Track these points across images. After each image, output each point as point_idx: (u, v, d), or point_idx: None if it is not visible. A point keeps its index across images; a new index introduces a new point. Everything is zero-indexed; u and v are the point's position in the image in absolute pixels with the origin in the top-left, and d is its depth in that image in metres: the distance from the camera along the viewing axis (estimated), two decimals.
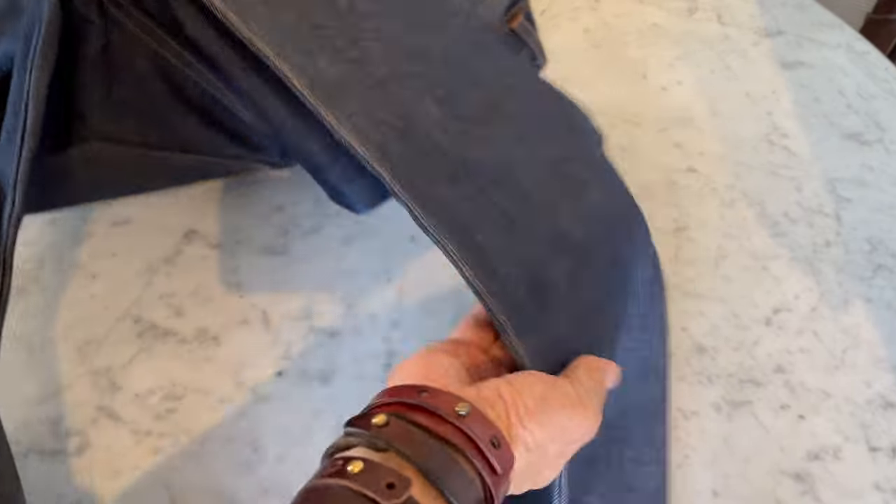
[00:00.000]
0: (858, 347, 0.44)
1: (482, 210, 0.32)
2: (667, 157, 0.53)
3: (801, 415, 0.42)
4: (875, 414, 0.42)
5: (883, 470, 0.40)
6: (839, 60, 0.60)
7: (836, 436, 0.41)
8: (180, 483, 0.39)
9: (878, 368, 0.43)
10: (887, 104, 0.57)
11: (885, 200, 0.51)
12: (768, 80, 0.58)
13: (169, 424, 0.41)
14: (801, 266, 0.48)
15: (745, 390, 0.43)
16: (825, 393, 0.43)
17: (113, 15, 0.37)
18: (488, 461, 0.24)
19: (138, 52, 0.38)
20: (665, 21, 0.63)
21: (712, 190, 0.51)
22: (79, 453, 0.39)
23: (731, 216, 0.50)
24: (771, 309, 0.46)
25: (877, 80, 0.58)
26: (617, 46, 0.61)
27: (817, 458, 0.40)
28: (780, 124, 0.55)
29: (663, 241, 0.49)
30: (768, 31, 0.62)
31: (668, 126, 0.55)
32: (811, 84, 0.58)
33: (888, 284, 0.47)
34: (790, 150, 0.54)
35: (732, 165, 0.53)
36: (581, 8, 0.64)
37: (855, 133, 0.55)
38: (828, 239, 0.49)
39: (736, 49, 0.61)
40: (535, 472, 0.27)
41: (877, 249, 0.49)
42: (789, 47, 0.61)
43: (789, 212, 0.50)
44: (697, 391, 0.42)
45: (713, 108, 0.56)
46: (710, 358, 0.44)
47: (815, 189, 0.52)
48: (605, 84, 0.58)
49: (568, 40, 0.61)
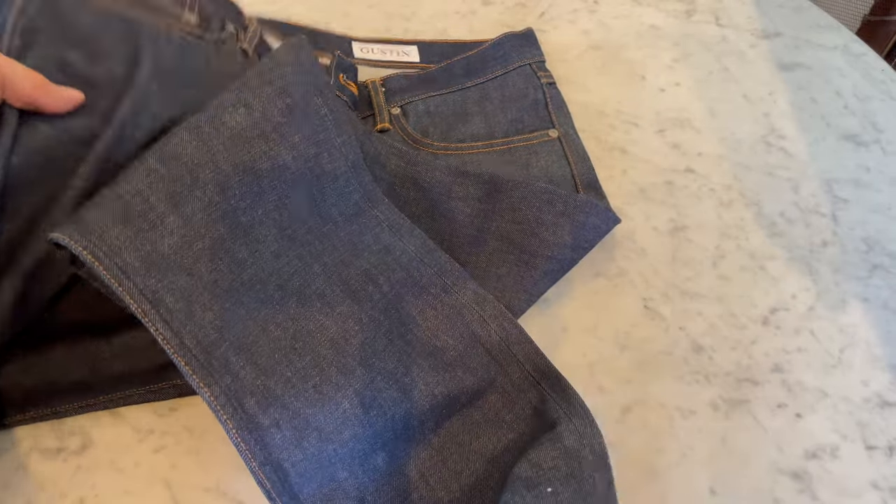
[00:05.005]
0: (855, 347, 0.45)
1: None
2: (665, 158, 0.54)
3: (799, 414, 0.42)
4: (872, 413, 0.42)
5: (880, 469, 0.40)
6: (836, 62, 0.60)
7: (833, 435, 0.41)
8: (182, 482, 0.39)
9: (874, 368, 0.44)
10: (884, 105, 0.57)
11: (882, 201, 0.51)
12: (766, 81, 0.59)
13: (171, 423, 0.41)
14: (798, 266, 0.48)
15: (743, 389, 0.43)
16: (822, 392, 0.43)
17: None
18: None
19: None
20: (663, 23, 0.63)
21: (710, 190, 0.52)
22: (81, 452, 0.40)
23: (729, 216, 0.50)
24: (768, 308, 0.46)
25: (874, 81, 0.59)
26: (615, 48, 0.61)
27: (815, 457, 0.40)
28: (777, 125, 0.56)
29: (661, 241, 0.49)
30: (766, 33, 0.63)
31: (666, 127, 0.55)
32: (808, 85, 0.58)
33: (885, 284, 0.47)
34: (787, 150, 0.54)
35: (730, 166, 0.53)
36: (580, 10, 0.64)
37: (852, 134, 0.55)
38: (825, 239, 0.49)
39: (734, 51, 0.61)
40: None
41: (873, 249, 0.49)
42: (787, 49, 0.61)
43: (786, 212, 0.51)
44: (695, 390, 0.43)
45: (711, 110, 0.57)
46: (707, 357, 0.44)
47: (812, 189, 0.52)
48: (603, 85, 0.58)
49: (567, 42, 0.61)
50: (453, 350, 0.41)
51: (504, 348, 0.41)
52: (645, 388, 0.43)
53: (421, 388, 0.39)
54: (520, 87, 0.55)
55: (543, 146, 0.52)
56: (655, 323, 0.45)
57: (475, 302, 0.43)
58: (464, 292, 0.43)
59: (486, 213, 0.47)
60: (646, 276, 0.47)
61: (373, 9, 0.62)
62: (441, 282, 0.43)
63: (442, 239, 0.46)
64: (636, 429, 0.41)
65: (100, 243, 0.33)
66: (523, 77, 0.56)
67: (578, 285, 0.47)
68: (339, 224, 0.43)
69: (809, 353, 0.44)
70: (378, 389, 0.37)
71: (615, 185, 0.52)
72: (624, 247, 0.49)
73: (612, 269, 0.48)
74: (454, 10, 0.63)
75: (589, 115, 0.56)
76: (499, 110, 0.54)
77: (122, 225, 0.34)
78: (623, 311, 0.46)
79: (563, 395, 0.39)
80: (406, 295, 0.42)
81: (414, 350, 0.40)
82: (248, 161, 0.38)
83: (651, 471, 0.40)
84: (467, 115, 0.54)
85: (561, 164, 0.51)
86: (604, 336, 0.45)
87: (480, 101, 0.55)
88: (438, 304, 0.42)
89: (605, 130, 0.55)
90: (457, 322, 0.42)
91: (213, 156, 0.37)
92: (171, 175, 0.36)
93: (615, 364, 0.44)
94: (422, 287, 0.43)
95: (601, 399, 0.42)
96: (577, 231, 0.45)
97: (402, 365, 0.39)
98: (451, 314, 0.42)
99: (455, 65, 0.57)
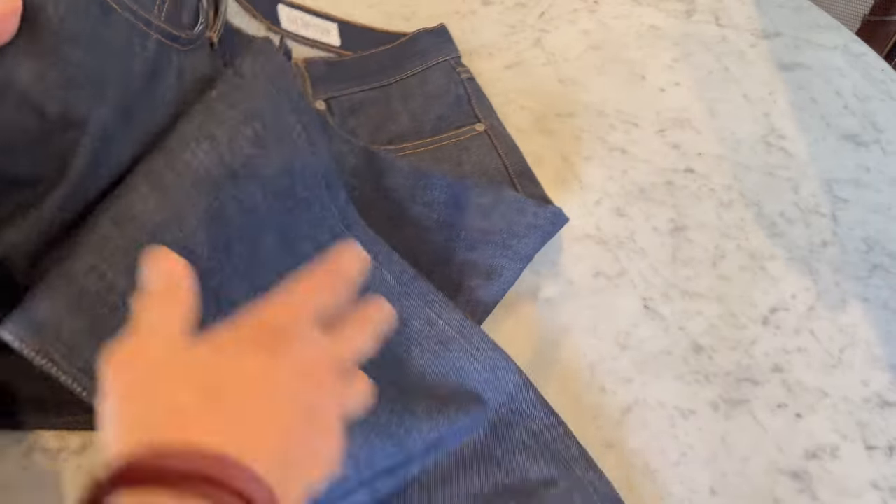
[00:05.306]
0: (855, 347, 0.45)
1: None
2: (665, 158, 0.54)
3: (799, 414, 0.42)
4: (872, 413, 0.42)
5: (880, 468, 0.40)
6: (836, 62, 0.60)
7: (833, 434, 0.41)
8: None
9: (874, 368, 0.44)
10: (884, 105, 0.57)
11: (882, 201, 0.51)
12: (766, 81, 0.59)
13: None
14: (798, 266, 0.48)
15: (743, 389, 0.43)
16: (822, 392, 0.43)
17: None
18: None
19: None
20: (663, 23, 0.63)
21: (710, 190, 0.52)
22: (81, 452, 0.40)
23: (729, 216, 0.50)
24: (768, 308, 0.46)
25: (873, 81, 0.59)
26: (616, 48, 0.61)
27: (815, 457, 0.40)
28: (777, 125, 0.56)
29: (661, 241, 0.49)
30: (766, 33, 0.63)
31: (667, 127, 0.55)
32: (808, 85, 0.58)
33: (885, 284, 0.47)
34: (787, 150, 0.54)
35: (730, 166, 0.53)
36: (580, 10, 0.64)
37: (852, 134, 0.55)
38: (825, 239, 0.49)
39: (734, 51, 0.61)
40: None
41: (873, 249, 0.49)
42: (787, 49, 0.61)
43: (786, 212, 0.51)
44: (695, 390, 0.43)
45: (711, 110, 0.57)
46: (707, 357, 0.44)
47: (812, 189, 0.52)
48: (603, 85, 0.58)
49: (567, 42, 0.61)
50: (443, 388, 0.39)
51: (494, 381, 0.40)
52: (645, 388, 0.43)
53: (414, 436, 0.37)
54: (441, 84, 0.56)
55: (472, 141, 0.52)
56: (655, 323, 0.45)
57: (461, 334, 0.41)
58: (449, 323, 0.41)
59: (453, 221, 0.46)
60: (646, 276, 0.47)
61: (373, 9, 0.62)
62: (425, 314, 0.41)
63: (410, 249, 0.45)
64: (636, 429, 0.41)
65: (55, 343, 0.30)
66: (443, 73, 0.56)
67: (578, 285, 0.47)
68: (314, 259, 0.41)
69: (809, 353, 0.44)
70: (372, 447, 0.36)
71: (615, 185, 0.52)
72: (624, 247, 0.49)
73: (612, 269, 0.48)
74: (454, 10, 0.63)
75: (589, 115, 0.56)
76: (423, 108, 0.54)
77: (77, 313, 0.30)
78: (623, 311, 0.46)
79: (557, 432, 0.39)
80: (387, 333, 0.41)
81: (403, 394, 0.38)
82: (216, 209, 0.34)
83: (651, 471, 0.40)
84: (393, 114, 0.54)
85: (492, 156, 0.51)
86: (604, 336, 0.45)
87: (404, 99, 0.55)
88: (424, 341, 0.40)
89: (605, 130, 0.55)
90: (444, 358, 0.40)
91: (177, 211, 0.33)
92: (129, 242, 0.32)
93: (615, 364, 0.44)
94: (404, 322, 0.41)
95: (601, 399, 0.42)
96: (543, 241, 0.45)
97: (395, 415, 0.37)
98: (438, 350, 0.40)
99: (373, 57, 0.56)
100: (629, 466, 0.40)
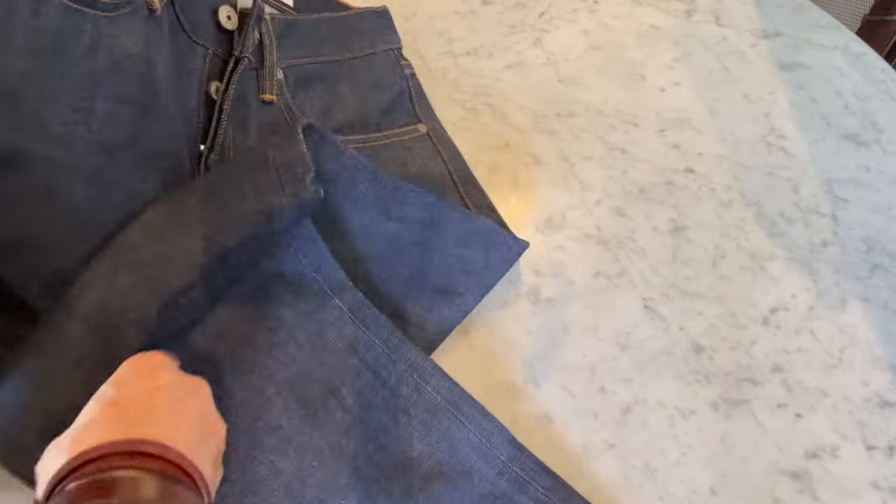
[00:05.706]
0: (855, 347, 0.45)
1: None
2: (665, 158, 0.53)
3: (799, 414, 0.42)
4: (872, 413, 0.42)
5: (880, 468, 0.40)
6: (836, 62, 0.60)
7: (833, 434, 0.41)
8: None
9: (874, 368, 0.44)
10: (884, 105, 0.57)
11: (882, 201, 0.51)
12: (766, 81, 0.59)
13: None
14: (798, 266, 0.48)
15: (743, 389, 0.43)
16: (822, 392, 0.43)
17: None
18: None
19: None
20: (663, 23, 0.63)
21: (710, 190, 0.52)
22: None
23: (729, 216, 0.50)
24: (768, 308, 0.46)
25: (874, 81, 0.59)
26: (616, 48, 0.61)
27: (815, 457, 0.40)
28: (777, 125, 0.56)
29: (661, 241, 0.49)
30: (766, 33, 0.63)
31: (667, 127, 0.55)
32: (808, 85, 0.58)
33: (885, 284, 0.47)
34: (787, 150, 0.54)
35: (730, 166, 0.53)
36: (580, 10, 0.64)
37: (852, 134, 0.55)
38: (825, 239, 0.49)
39: (734, 51, 0.61)
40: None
41: (873, 249, 0.49)
42: (787, 49, 0.61)
43: (786, 212, 0.51)
44: (695, 390, 0.43)
45: (711, 110, 0.57)
46: (707, 357, 0.44)
47: (813, 189, 0.52)
48: (603, 85, 0.58)
49: (567, 42, 0.61)
50: (430, 460, 0.39)
51: (486, 450, 0.39)
52: (645, 388, 0.43)
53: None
54: (387, 75, 0.56)
55: (416, 143, 0.52)
56: (655, 323, 0.45)
57: (449, 402, 0.40)
58: (437, 391, 0.40)
59: (428, 243, 0.45)
60: (646, 276, 0.47)
61: None
62: (413, 380, 0.40)
63: (384, 269, 0.44)
64: (636, 429, 0.41)
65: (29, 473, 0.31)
66: (389, 64, 0.57)
67: (578, 285, 0.47)
68: (296, 328, 0.40)
69: (809, 353, 0.44)
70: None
71: (615, 185, 0.52)
72: (624, 247, 0.49)
73: (612, 269, 0.48)
74: (454, 10, 0.63)
75: (589, 115, 0.56)
76: (370, 95, 0.54)
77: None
78: (623, 311, 0.46)
79: (562, 495, 0.38)
80: (375, 400, 0.40)
81: (383, 472, 0.38)
82: (185, 325, 0.37)
83: (651, 471, 0.40)
84: (339, 97, 0.54)
85: (436, 160, 0.52)
86: (604, 336, 0.45)
87: (351, 83, 0.55)
88: (412, 408, 0.40)
89: (605, 130, 0.55)
90: (432, 427, 0.39)
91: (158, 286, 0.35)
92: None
93: (615, 364, 0.44)
94: (391, 389, 0.40)
95: (601, 399, 0.42)
96: (503, 273, 0.45)
97: (370, 496, 0.37)
98: (426, 418, 0.40)
99: (321, 21, 0.56)
100: (629, 466, 0.40)
